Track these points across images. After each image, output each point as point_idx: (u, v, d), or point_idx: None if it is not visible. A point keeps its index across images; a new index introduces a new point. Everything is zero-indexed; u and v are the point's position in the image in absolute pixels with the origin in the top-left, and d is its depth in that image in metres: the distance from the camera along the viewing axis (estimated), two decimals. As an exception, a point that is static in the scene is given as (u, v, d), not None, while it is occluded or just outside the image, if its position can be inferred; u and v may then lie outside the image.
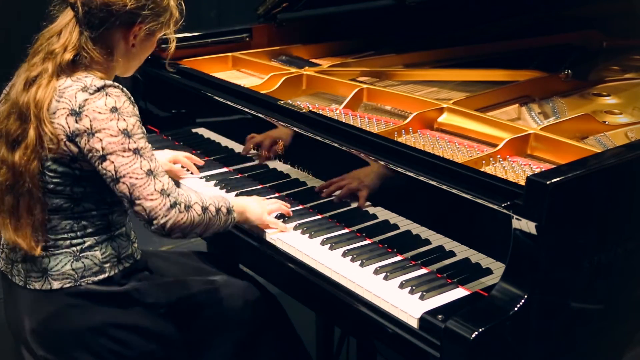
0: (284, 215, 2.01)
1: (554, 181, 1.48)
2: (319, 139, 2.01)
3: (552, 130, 1.98)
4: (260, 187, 2.20)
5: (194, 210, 1.75)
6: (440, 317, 1.54)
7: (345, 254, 1.82)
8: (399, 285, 1.68)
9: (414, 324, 1.57)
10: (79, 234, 1.81)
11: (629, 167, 1.69)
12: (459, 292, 1.65)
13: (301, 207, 2.07)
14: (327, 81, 2.48)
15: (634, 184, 1.71)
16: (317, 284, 1.80)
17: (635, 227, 1.72)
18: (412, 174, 1.76)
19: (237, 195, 2.13)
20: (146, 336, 1.87)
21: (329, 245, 1.86)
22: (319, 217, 2.02)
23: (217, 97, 2.35)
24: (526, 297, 1.50)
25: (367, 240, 1.89)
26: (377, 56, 2.83)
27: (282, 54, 2.85)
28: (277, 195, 2.13)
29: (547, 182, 1.47)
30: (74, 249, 1.80)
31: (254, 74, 2.69)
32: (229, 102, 2.31)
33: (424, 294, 1.63)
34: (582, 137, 2.07)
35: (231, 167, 2.36)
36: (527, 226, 1.51)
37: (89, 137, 1.69)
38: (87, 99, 1.70)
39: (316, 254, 1.84)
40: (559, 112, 2.25)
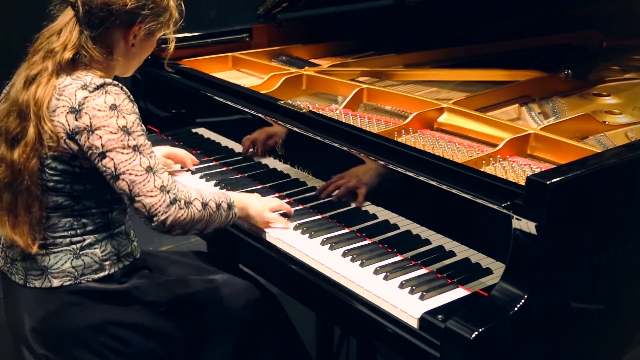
0: (285, 214, 2.01)
1: (554, 181, 1.48)
2: (319, 139, 2.01)
3: (552, 130, 1.97)
4: (260, 187, 2.20)
5: (194, 206, 1.75)
6: (440, 317, 1.54)
7: (345, 254, 1.82)
8: (399, 285, 1.68)
9: (414, 324, 1.57)
10: (79, 231, 1.81)
11: (629, 167, 1.69)
12: (459, 292, 1.65)
13: (301, 207, 2.07)
14: (327, 81, 2.48)
15: (634, 184, 1.71)
16: (317, 284, 1.80)
17: (635, 227, 1.71)
18: (412, 174, 1.76)
19: (237, 195, 2.14)
20: (146, 334, 1.87)
21: (329, 245, 1.86)
22: (319, 217, 2.02)
23: (217, 97, 2.35)
24: (526, 297, 1.50)
25: (367, 240, 1.89)
26: (377, 56, 2.83)
27: (282, 54, 2.85)
28: (277, 195, 2.13)
29: (547, 182, 1.47)
30: (74, 246, 1.81)
31: (254, 74, 2.69)
32: (229, 102, 2.31)
33: (424, 294, 1.63)
34: (582, 137, 2.07)
35: (231, 167, 2.36)
36: (527, 226, 1.51)
37: (88, 134, 1.69)
38: (86, 97, 1.71)
39: (316, 254, 1.84)
40: (559, 112, 2.25)
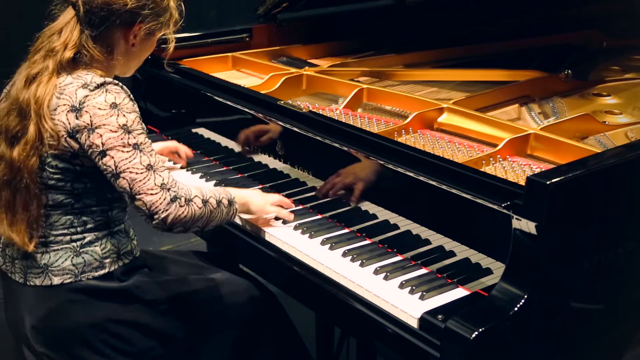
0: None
1: (554, 181, 1.48)
2: (319, 139, 2.01)
3: (552, 130, 1.97)
4: (260, 187, 2.19)
5: (195, 203, 1.75)
6: (440, 317, 1.54)
7: (345, 254, 1.82)
8: (399, 285, 1.68)
9: (414, 324, 1.57)
10: (79, 229, 1.82)
11: (629, 167, 1.69)
12: (459, 292, 1.65)
13: (301, 207, 2.07)
14: (327, 81, 2.47)
15: (634, 184, 1.71)
16: (317, 284, 1.80)
17: (635, 227, 1.71)
18: (412, 174, 1.76)
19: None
20: (146, 332, 1.87)
21: (329, 245, 1.86)
22: (319, 217, 2.02)
23: (217, 97, 2.35)
24: (526, 297, 1.50)
25: (367, 240, 1.89)
26: (377, 56, 2.83)
27: (282, 55, 2.85)
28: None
29: (547, 182, 1.47)
30: (74, 244, 1.81)
31: (254, 74, 2.69)
32: (229, 102, 2.31)
33: (424, 294, 1.63)
34: (582, 137, 2.07)
35: (231, 167, 2.36)
36: (527, 226, 1.51)
37: (89, 132, 1.70)
38: (87, 96, 1.71)
39: (316, 254, 1.84)
40: (559, 112, 2.25)
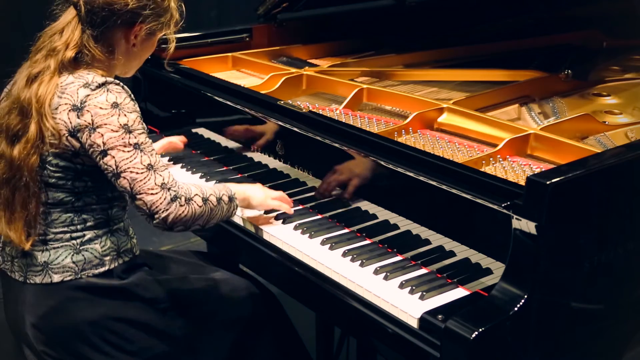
0: (284, 213, 2.02)
1: (554, 181, 1.48)
2: (319, 139, 2.01)
3: (552, 130, 1.97)
4: (260, 186, 2.20)
5: (195, 202, 1.76)
6: (440, 317, 1.54)
7: (345, 254, 1.82)
8: (399, 285, 1.68)
9: (414, 324, 1.57)
10: (79, 227, 1.82)
11: (629, 167, 1.69)
12: (459, 292, 1.65)
13: (301, 207, 2.07)
14: (327, 81, 2.48)
15: (634, 184, 1.71)
16: (317, 283, 1.80)
17: (635, 227, 1.71)
18: (412, 174, 1.76)
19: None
20: (146, 330, 1.87)
21: (329, 245, 1.86)
22: (319, 217, 2.02)
23: (217, 97, 2.35)
24: (526, 297, 1.50)
25: (367, 240, 1.89)
26: (377, 56, 2.83)
27: (282, 55, 2.85)
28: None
29: (547, 182, 1.47)
30: (74, 242, 1.82)
31: (254, 74, 2.69)
32: (229, 102, 2.31)
33: (424, 294, 1.63)
34: (582, 137, 2.07)
35: (231, 167, 2.36)
36: (527, 226, 1.51)
37: (90, 132, 1.71)
38: (88, 95, 1.72)
39: (316, 254, 1.84)
40: (559, 112, 2.25)
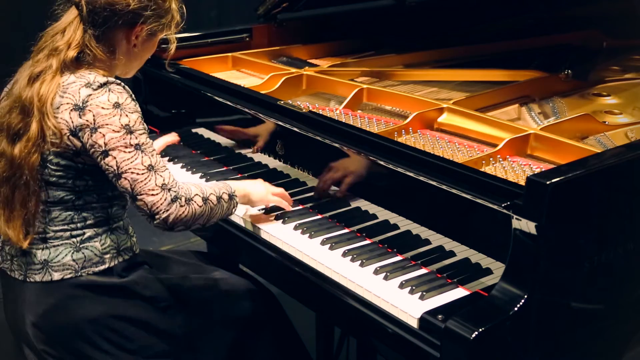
0: (284, 213, 2.02)
1: (554, 181, 1.48)
2: (319, 139, 2.01)
3: (552, 130, 1.97)
4: (260, 186, 2.20)
5: (195, 202, 1.76)
6: (440, 317, 1.54)
7: (345, 254, 1.82)
8: (399, 285, 1.68)
9: (414, 324, 1.57)
10: (79, 225, 1.82)
11: (629, 167, 1.69)
12: (459, 292, 1.65)
13: (301, 207, 2.07)
14: (327, 81, 2.48)
15: (634, 184, 1.71)
16: (317, 283, 1.80)
17: (635, 227, 1.71)
18: (412, 174, 1.76)
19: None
20: (146, 329, 1.88)
21: (329, 245, 1.86)
22: (319, 217, 2.02)
23: (217, 97, 2.35)
24: (526, 297, 1.50)
25: (367, 240, 1.89)
26: (377, 56, 2.83)
27: (282, 55, 2.85)
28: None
29: (547, 182, 1.47)
30: (74, 240, 1.82)
31: (254, 74, 2.69)
32: (229, 102, 2.31)
33: (424, 294, 1.63)
34: (582, 137, 2.07)
35: (231, 167, 2.36)
36: (527, 226, 1.51)
37: (91, 132, 1.71)
38: (90, 95, 1.72)
39: (316, 254, 1.84)
40: (559, 112, 2.25)
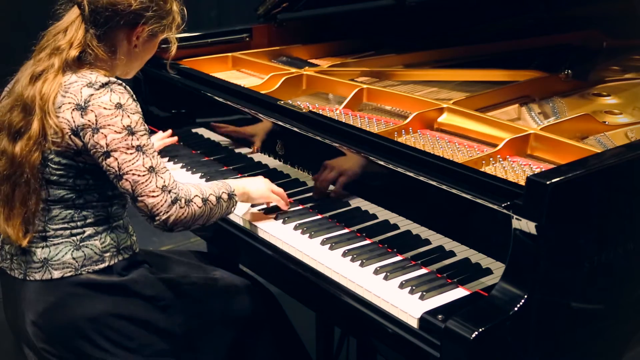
0: (284, 213, 2.03)
1: (554, 181, 1.48)
2: (319, 139, 2.01)
3: (552, 130, 1.97)
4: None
5: (195, 203, 1.78)
6: (440, 317, 1.54)
7: (345, 254, 1.82)
8: (399, 285, 1.68)
9: (414, 323, 1.57)
10: (79, 223, 1.83)
11: (629, 167, 1.69)
12: (459, 292, 1.65)
13: (301, 207, 2.07)
14: (327, 81, 2.48)
15: (634, 184, 1.71)
16: (317, 283, 1.80)
17: (635, 227, 1.71)
18: (412, 174, 1.76)
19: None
20: (145, 327, 1.88)
21: (329, 245, 1.86)
22: (319, 217, 2.02)
23: (217, 97, 2.35)
24: (526, 297, 1.50)
25: (367, 240, 1.89)
26: (377, 56, 2.83)
27: (282, 55, 2.85)
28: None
29: (547, 182, 1.47)
30: (74, 238, 1.82)
31: (254, 74, 2.69)
32: (229, 102, 2.31)
33: (424, 294, 1.63)
34: (582, 137, 2.07)
35: (231, 167, 2.36)
36: (527, 226, 1.51)
37: (93, 132, 1.72)
38: (92, 94, 1.73)
39: (316, 254, 1.84)
40: (559, 112, 2.25)
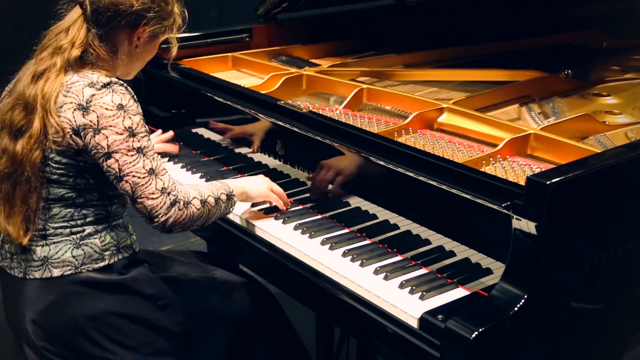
0: (284, 213, 2.03)
1: (554, 181, 1.48)
2: (319, 139, 2.01)
3: (552, 130, 1.97)
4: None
5: (193, 205, 1.79)
6: (440, 317, 1.54)
7: (345, 254, 1.82)
8: (399, 285, 1.68)
9: (414, 324, 1.57)
10: (79, 222, 1.83)
11: (629, 167, 1.69)
12: (459, 292, 1.65)
13: (301, 207, 2.07)
14: (327, 81, 2.47)
15: (634, 184, 1.71)
16: (317, 283, 1.80)
17: (635, 227, 1.71)
18: (412, 174, 1.76)
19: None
20: (145, 326, 1.88)
21: (329, 245, 1.86)
22: (319, 217, 2.02)
23: (217, 97, 2.35)
24: (526, 297, 1.50)
25: (367, 240, 1.89)
26: (377, 56, 2.83)
27: (282, 54, 2.85)
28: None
29: (547, 182, 1.47)
30: (74, 236, 1.83)
31: (254, 74, 2.69)
32: (229, 102, 2.31)
33: (424, 294, 1.63)
34: (582, 137, 2.07)
35: (231, 167, 2.36)
36: (527, 226, 1.51)
37: (94, 133, 1.72)
38: (94, 95, 1.73)
39: (316, 254, 1.84)
40: (559, 112, 2.25)
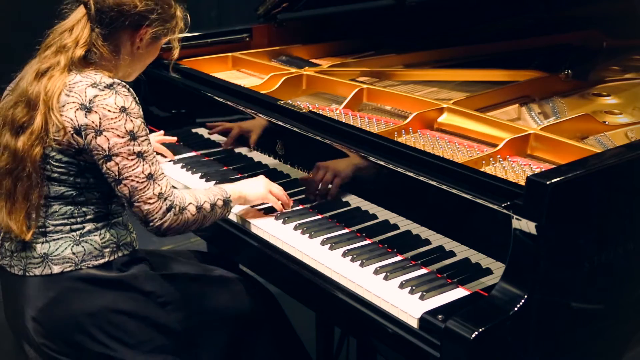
0: (284, 213, 2.03)
1: (554, 181, 1.48)
2: (319, 139, 2.01)
3: (552, 130, 1.98)
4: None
5: (188, 211, 1.81)
6: (440, 317, 1.54)
7: (345, 254, 1.82)
8: (399, 285, 1.68)
9: (414, 324, 1.57)
10: (79, 219, 1.84)
11: (629, 167, 1.69)
12: (459, 292, 1.65)
13: (301, 207, 2.07)
14: (327, 81, 2.48)
15: (634, 184, 1.71)
16: (317, 283, 1.80)
17: (635, 227, 1.71)
18: (412, 174, 1.76)
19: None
20: (145, 323, 1.88)
21: (329, 245, 1.86)
22: (319, 217, 2.02)
23: (217, 97, 2.35)
24: (526, 297, 1.50)
25: (367, 240, 1.89)
26: (377, 56, 2.83)
27: (282, 54, 2.85)
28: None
29: (547, 182, 1.47)
30: (74, 234, 1.83)
31: (254, 74, 2.69)
32: (229, 102, 2.31)
33: (424, 294, 1.63)
34: (582, 137, 2.07)
35: (231, 167, 2.36)
36: (527, 226, 1.51)
37: (96, 134, 1.72)
38: (97, 95, 1.73)
39: (316, 254, 1.84)
40: (559, 112, 2.25)
